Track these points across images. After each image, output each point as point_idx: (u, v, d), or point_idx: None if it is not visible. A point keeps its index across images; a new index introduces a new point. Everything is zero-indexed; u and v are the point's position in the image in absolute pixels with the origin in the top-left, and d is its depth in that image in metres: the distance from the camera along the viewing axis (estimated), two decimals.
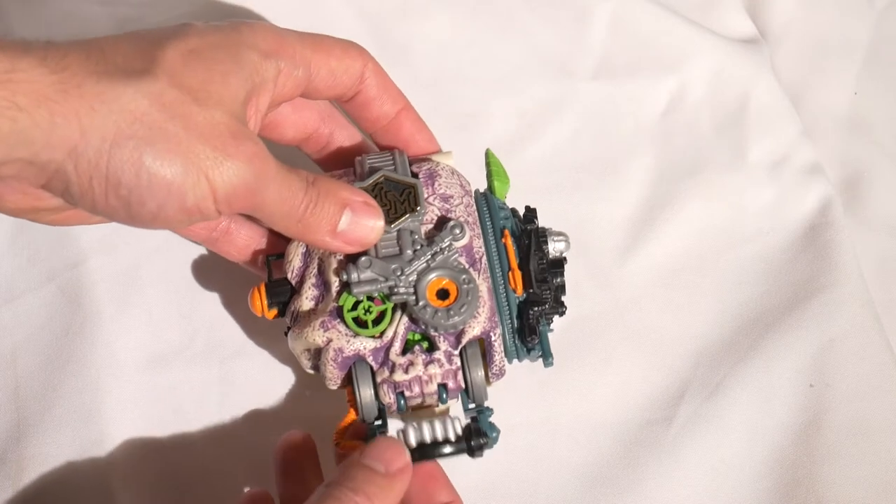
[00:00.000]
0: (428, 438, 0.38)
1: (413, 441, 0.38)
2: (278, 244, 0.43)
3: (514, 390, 0.50)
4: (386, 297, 0.38)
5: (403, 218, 0.39)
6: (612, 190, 0.55)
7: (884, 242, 0.57)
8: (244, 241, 0.44)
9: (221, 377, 0.49)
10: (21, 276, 0.50)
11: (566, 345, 0.51)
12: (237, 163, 0.34)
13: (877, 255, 0.56)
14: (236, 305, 0.51)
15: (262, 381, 0.49)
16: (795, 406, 0.49)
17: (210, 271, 0.51)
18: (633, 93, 0.58)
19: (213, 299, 0.51)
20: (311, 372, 0.41)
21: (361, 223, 0.38)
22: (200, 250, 0.52)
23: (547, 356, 0.40)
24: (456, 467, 0.44)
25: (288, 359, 0.48)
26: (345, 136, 0.44)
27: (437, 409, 0.40)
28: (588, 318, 0.52)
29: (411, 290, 0.38)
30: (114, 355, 0.48)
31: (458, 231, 0.38)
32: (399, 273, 0.38)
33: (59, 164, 0.32)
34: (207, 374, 0.49)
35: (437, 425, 0.38)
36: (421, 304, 0.37)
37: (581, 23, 0.59)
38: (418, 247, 0.38)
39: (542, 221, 0.44)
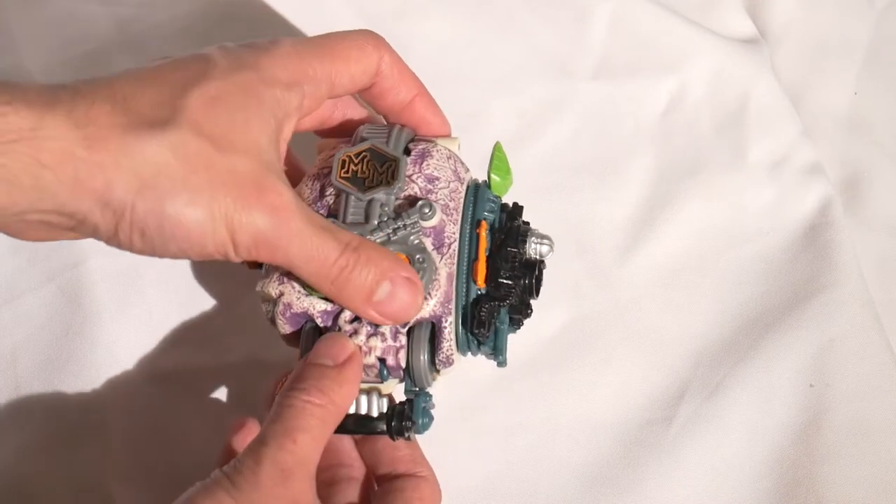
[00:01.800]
0: (351, 410, 0.38)
1: None
2: None
3: (514, 390, 0.50)
4: None
5: (377, 189, 0.39)
6: (612, 190, 0.55)
7: (884, 242, 0.57)
8: None
9: (221, 377, 0.49)
10: (21, 276, 0.50)
11: (566, 345, 0.51)
12: (257, 214, 0.34)
13: (877, 255, 0.56)
14: (236, 305, 0.51)
15: (262, 381, 0.49)
16: (795, 406, 0.49)
17: (210, 271, 0.51)
18: (633, 93, 0.58)
19: (213, 299, 0.51)
20: (271, 324, 0.41)
21: (399, 297, 0.37)
22: None
23: (498, 353, 0.39)
24: (456, 467, 0.44)
25: (289, 360, 0.48)
26: (356, 114, 0.44)
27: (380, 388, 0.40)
28: (588, 318, 0.52)
29: None
30: (114, 355, 0.49)
31: (426, 210, 0.38)
32: None
33: (84, 214, 0.32)
34: (207, 374, 0.49)
35: (363, 398, 0.38)
36: None
37: (581, 23, 0.59)
38: (385, 219, 0.38)
39: (542, 222, 0.43)
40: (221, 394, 0.49)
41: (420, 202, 0.39)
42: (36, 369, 0.48)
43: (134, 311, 0.50)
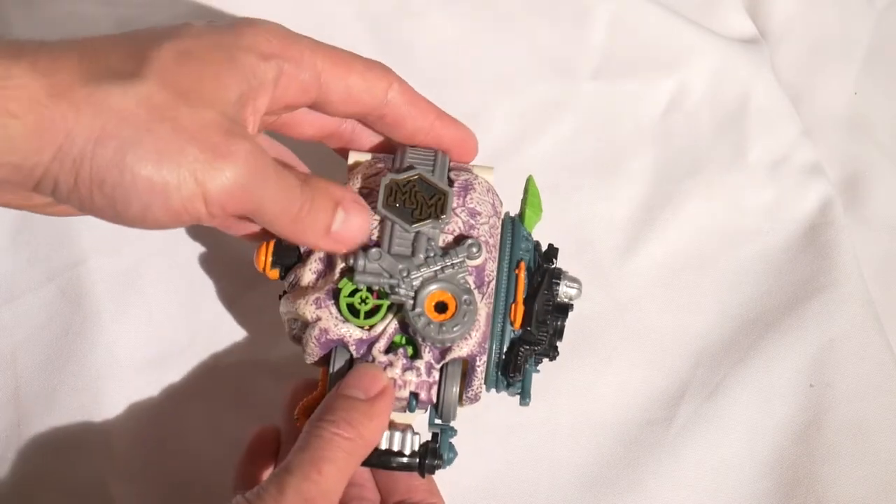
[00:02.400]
0: (384, 446, 0.38)
1: None
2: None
3: None
4: (385, 294, 0.38)
5: (425, 222, 0.38)
6: (612, 190, 0.55)
7: (884, 242, 0.57)
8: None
9: (221, 376, 0.49)
10: (21, 276, 0.50)
11: (566, 345, 0.51)
12: (231, 163, 0.33)
13: (877, 255, 0.56)
14: (237, 305, 0.51)
15: (262, 381, 0.49)
16: (795, 406, 0.49)
17: (210, 271, 0.51)
18: (633, 93, 0.58)
19: (213, 299, 0.51)
20: (293, 341, 0.40)
21: (352, 221, 0.37)
22: (201, 250, 0.52)
23: (525, 396, 0.40)
24: (456, 466, 0.44)
25: (289, 360, 0.48)
26: (367, 132, 0.43)
27: (398, 418, 0.40)
28: (588, 318, 0.52)
29: (411, 294, 0.37)
30: (114, 355, 0.48)
31: (474, 250, 0.38)
32: (405, 274, 0.37)
33: (45, 167, 0.32)
34: (207, 374, 0.49)
35: (397, 435, 0.38)
36: (417, 310, 0.37)
37: (581, 23, 0.59)
38: (431, 254, 0.38)
39: (542, 222, 0.43)
40: (221, 394, 0.49)
41: (468, 241, 0.38)
42: (36, 369, 0.48)
43: (134, 311, 0.49)
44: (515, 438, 0.49)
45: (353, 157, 0.42)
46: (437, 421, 0.39)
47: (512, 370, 0.39)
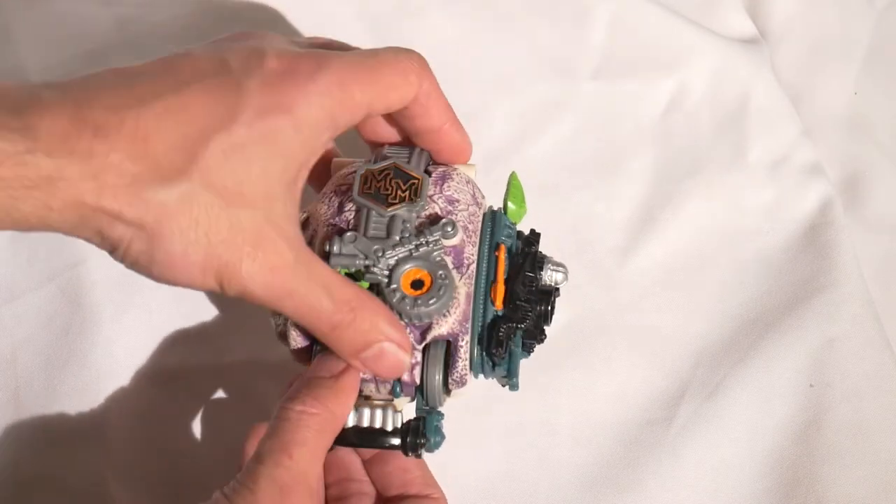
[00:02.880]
0: (365, 423, 0.38)
1: (349, 422, 0.37)
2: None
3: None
4: (361, 275, 0.38)
5: (400, 206, 0.39)
6: (612, 190, 0.55)
7: (884, 242, 0.57)
8: None
9: (221, 377, 0.49)
10: (21, 276, 0.50)
11: (566, 345, 0.51)
12: (248, 275, 0.33)
13: (877, 255, 0.56)
14: (236, 305, 0.51)
15: (262, 381, 0.49)
16: (795, 406, 0.49)
17: None
18: (633, 93, 0.58)
19: (212, 299, 0.51)
20: (279, 339, 0.40)
21: (385, 363, 0.37)
22: None
23: (511, 376, 0.40)
24: (456, 466, 0.44)
25: (288, 360, 0.48)
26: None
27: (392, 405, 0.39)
28: (588, 318, 0.52)
29: (386, 272, 0.37)
30: (114, 355, 0.48)
31: (449, 229, 0.38)
32: (380, 254, 0.37)
33: (84, 238, 0.32)
34: (207, 374, 0.49)
35: (378, 413, 0.38)
36: (392, 286, 0.37)
37: (581, 23, 0.59)
38: (406, 234, 0.38)
39: (542, 222, 0.43)
40: (221, 394, 0.49)
41: (443, 220, 0.38)
42: (36, 369, 0.48)
43: (134, 310, 0.50)
44: (515, 438, 0.49)
45: (336, 165, 0.42)
46: (425, 407, 0.39)
47: (495, 346, 0.38)
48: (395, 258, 0.38)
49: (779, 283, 0.53)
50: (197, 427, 0.48)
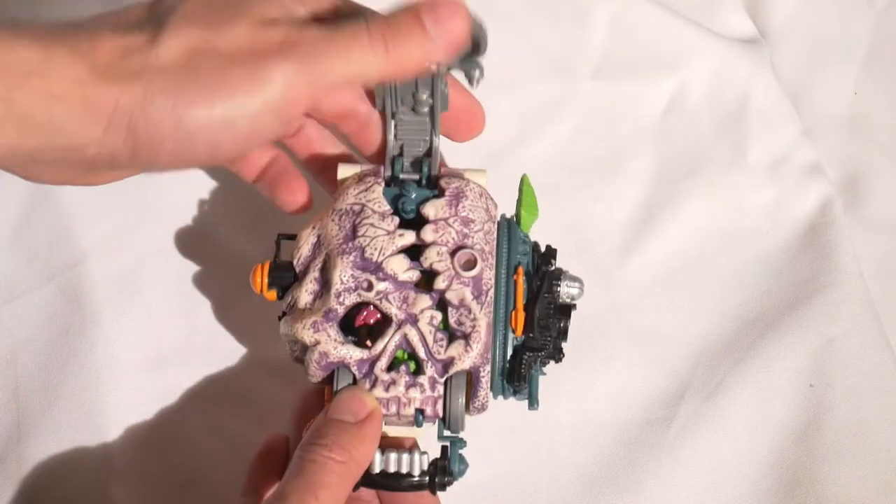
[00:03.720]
0: (392, 468, 0.38)
1: (377, 468, 0.38)
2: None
3: None
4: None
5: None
6: (612, 190, 0.55)
7: (884, 242, 0.57)
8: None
9: (221, 377, 0.49)
10: (21, 276, 0.50)
11: (566, 345, 0.51)
12: (276, 63, 0.32)
13: (877, 255, 0.56)
14: (236, 306, 0.51)
15: (262, 381, 0.49)
16: (795, 406, 0.49)
17: (210, 271, 0.51)
18: (633, 93, 0.58)
19: (212, 299, 0.51)
20: (295, 362, 0.40)
21: (443, 11, 0.35)
22: (200, 250, 0.52)
23: (533, 402, 0.40)
24: None
25: (288, 360, 0.48)
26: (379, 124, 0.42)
27: (406, 432, 0.40)
28: (588, 318, 0.52)
29: None
30: (114, 355, 0.49)
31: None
32: None
33: (99, 141, 0.32)
34: (207, 374, 0.49)
35: (405, 458, 0.38)
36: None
37: (581, 23, 0.59)
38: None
39: (542, 222, 0.43)
40: (221, 394, 0.49)
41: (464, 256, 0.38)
42: (36, 369, 0.48)
43: (134, 311, 0.50)
44: (516, 439, 0.49)
45: (342, 172, 0.42)
46: (446, 433, 0.39)
47: (517, 379, 0.39)
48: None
49: (779, 283, 0.53)
50: (197, 427, 0.48)
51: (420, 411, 0.38)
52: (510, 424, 0.49)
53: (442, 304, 0.38)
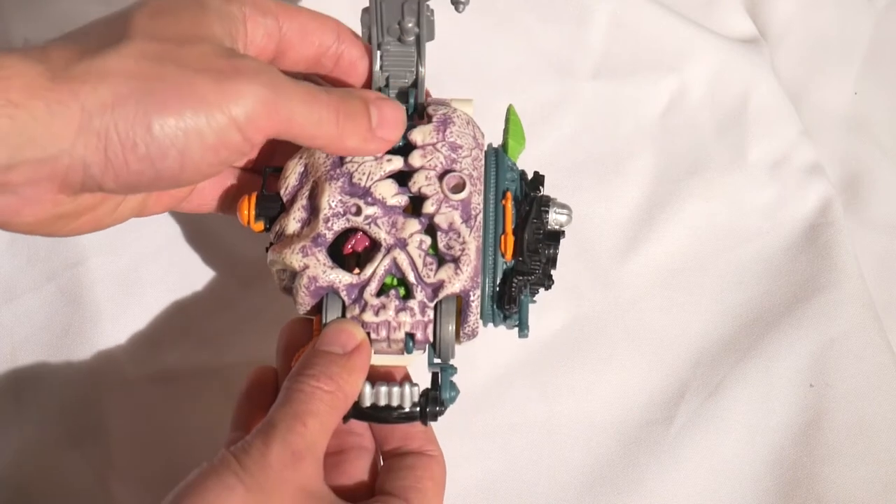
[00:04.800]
0: (383, 402, 0.38)
1: (367, 402, 0.38)
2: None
3: (514, 390, 0.50)
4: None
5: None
6: (612, 190, 0.55)
7: (884, 242, 0.57)
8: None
9: (221, 377, 0.49)
10: (21, 276, 0.50)
11: (566, 345, 0.51)
12: (246, 83, 0.33)
13: (877, 255, 0.56)
14: (236, 305, 0.51)
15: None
16: (795, 406, 0.49)
17: (209, 271, 0.51)
18: (633, 93, 0.58)
19: (212, 299, 0.51)
20: (283, 293, 0.40)
21: (388, 117, 0.37)
22: (200, 250, 0.52)
23: (523, 327, 0.39)
24: (456, 466, 0.44)
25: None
26: (355, 52, 0.41)
27: (397, 361, 0.39)
28: (588, 318, 0.52)
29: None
30: (114, 355, 0.49)
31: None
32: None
33: (70, 153, 0.32)
34: (207, 374, 0.49)
35: (395, 390, 0.38)
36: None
37: (581, 23, 0.59)
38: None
39: None
40: (221, 394, 0.49)
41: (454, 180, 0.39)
42: (36, 369, 0.48)
43: (134, 311, 0.49)
44: (516, 438, 0.49)
45: None
46: (437, 360, 0.39)
47: (507, 302, 0.38)
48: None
49: (779, 283, 0.53)
50: (197, 427, 0.48)
51: (410, 336, 0.38)
52: (510, 424, 0.49)
53: (431, 230, 0.38)
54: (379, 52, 0.40)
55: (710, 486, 0.48)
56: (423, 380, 0.39)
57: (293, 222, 0.39)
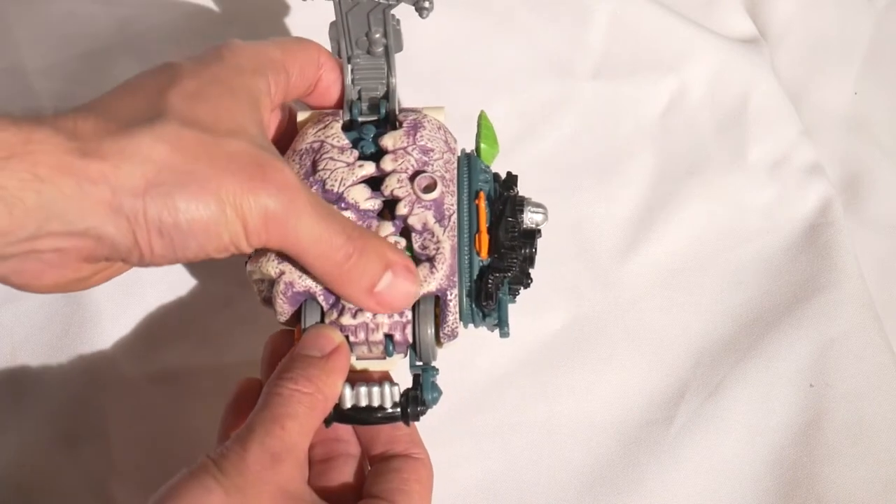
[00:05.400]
0: (363, 402, 0.38)
1: (348, 403, 0.37)
2: None
3: (514, 390, 0.50)
4: None
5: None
6: (612, 190, 0.55)
7: (884, 242, 0.57)
8: None
9: (221, 377, 0.49)
10: None
11: (566, 345, 0.51)
12: (264, 195, 0.33)
13: (877, 255, 0.56)
14: (236, 305, 0.51)
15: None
16: (795, 406, 0.49)
17: (210, 271, 0.51)
18: (633, 93, 0.58)
19: (212, 299, 0.51)
20: (263, 304, 0.40)
21: (400, 288, 0.37)
22: None
23: (503, 325, 0.39)
24: (456, 466, 0.44)
25: None
26: (332, 76, 0.42)
27: (379, 365, 0.39)
28: (588, 318, 0.52)
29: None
30: (114, 355, 0.49)
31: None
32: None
33: (99, 228, 0.32)
34: (207, 374, 0.49)
35: (375, 390, 0.38)
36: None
37: (581, 23, 0.59)
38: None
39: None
40: (221, 394, 0.49)
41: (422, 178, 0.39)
42: (36, 369, 0.48)
43: (133, 311, 0.50)
44: (515, 438, 0.49)
45: (301, 117, 0.42)
46: (418, 363, 0.39)
47: (484, 298, 0.38)
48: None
49: (779, 283, 0.53)
50: (197, 427, 0.48)
51: (389, 337, 0.38)
52: (509, 424, 0.49)
53: (406, 232, 0.39)
54: (350, 66, 0.40)
55: (710, 486, 0.48)
56: (409, 385, 0.39)
57: None
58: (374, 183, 0.39)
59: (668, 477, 0.48)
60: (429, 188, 0.39)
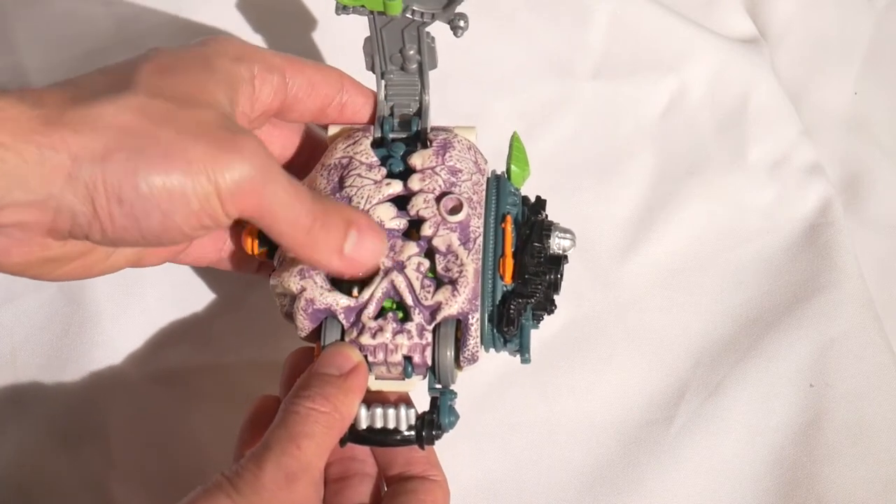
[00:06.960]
0: (379, 424, 0.38)
1: (363, 424, 0.37)
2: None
3: (514, 390, 0.50)
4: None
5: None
6: (612, 190, 0.55)
7: (884, 242, 0.57)
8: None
9: (221, 377, 0.49)
10: None
11: (566, 345, 0.51)
12: (239, 157, 0.33)
13: (877, 255, 0.56)
14: (236, 305, 0.51)
15: (263, 381, 0.49)
16: (795, 406, 0.49)
17: (209, 271, 0.51)
18: (633, 93, 0.58)
19: (212, 299, 0.51)
20: (285, 318, 0.40)
21: (366, 246, 0.37)
22: None
23: (524, 352, 0.39)
24: (456, 466, 0.44)
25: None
26: (359, 101, 0.42)
27: (398, 386, 0.39)
28: (588, 318, 0.52)
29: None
30: (114, 355, 0.49)
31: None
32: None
33: (58, 197, 0.31)
34: (207, 374, 0.49)
35: (391, 412, 0.38)
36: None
37: (581, 23, 0.59)
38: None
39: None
40: (221, 394, 0.49)
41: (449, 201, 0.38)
42: (36, 369, 0.48)
43: (134, 311, 0.49)
44: (515, 438, 0.49)
45: (332, 130, 0.42)
46: (437, 385, 0.39)
47: (506, 324, 0.38)
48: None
49: (779, 283, 0.53)
50: (197, 427, 0.48)
51: (408, 359, 0.38)
52: (510, 424, 0.49)
53: (430, 253, 0.38)
54: (383, 82, 0.40)
55: (710, 486, 0.48)
56: (427, 408, 0.39)
57: None
58: (402, 202, 0.39)
59: (668, 477, 0.48)
60: (455, 210, 0.38)
